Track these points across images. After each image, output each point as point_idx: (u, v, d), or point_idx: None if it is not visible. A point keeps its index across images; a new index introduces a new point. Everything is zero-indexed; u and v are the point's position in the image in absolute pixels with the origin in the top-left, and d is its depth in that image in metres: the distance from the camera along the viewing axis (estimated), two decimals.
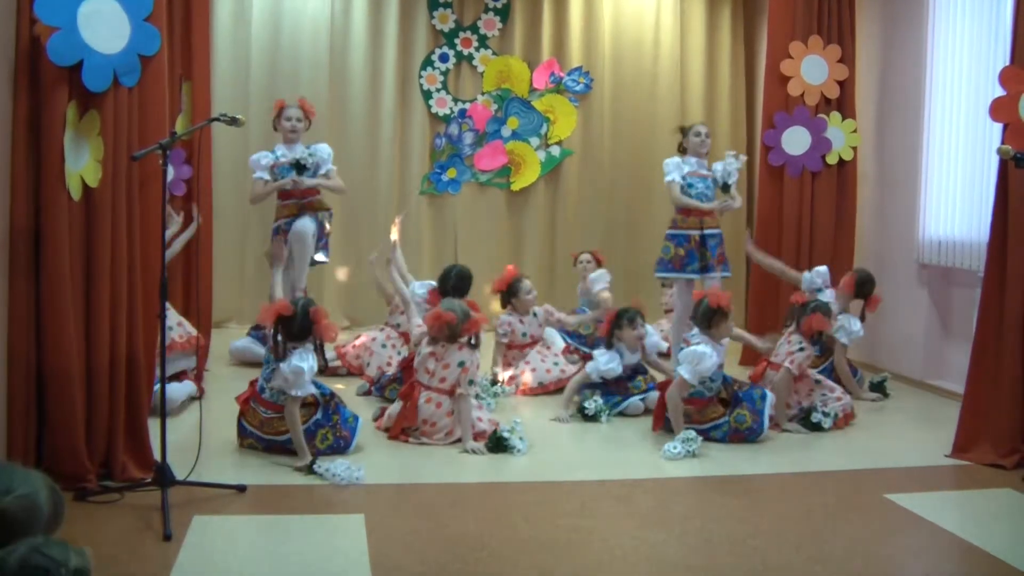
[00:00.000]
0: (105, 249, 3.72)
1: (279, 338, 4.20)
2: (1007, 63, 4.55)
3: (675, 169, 5.87)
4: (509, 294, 5.96)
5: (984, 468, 4.43)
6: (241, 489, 3.78)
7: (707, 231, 5.84)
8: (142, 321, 3.90)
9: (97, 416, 3.75)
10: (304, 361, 4.14)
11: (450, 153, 8.11)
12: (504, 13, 8.24)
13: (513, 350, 5.91)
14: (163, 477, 3.55)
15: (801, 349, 5.09)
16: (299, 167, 5.86)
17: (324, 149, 6.04)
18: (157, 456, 3.69)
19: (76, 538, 3.12)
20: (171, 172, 4.97)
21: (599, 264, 6.73)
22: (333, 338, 4.34)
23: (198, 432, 3.84)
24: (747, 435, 4.75)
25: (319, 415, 4.33)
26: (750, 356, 6.74)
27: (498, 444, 4.47)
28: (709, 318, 4.74)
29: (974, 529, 3.64)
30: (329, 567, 3.14)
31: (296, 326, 4.21)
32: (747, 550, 3.37)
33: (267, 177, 5.93)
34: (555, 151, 8.22)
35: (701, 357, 4.62)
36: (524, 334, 5.94)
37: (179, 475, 3.64)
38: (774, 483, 4.19)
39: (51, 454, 3.63)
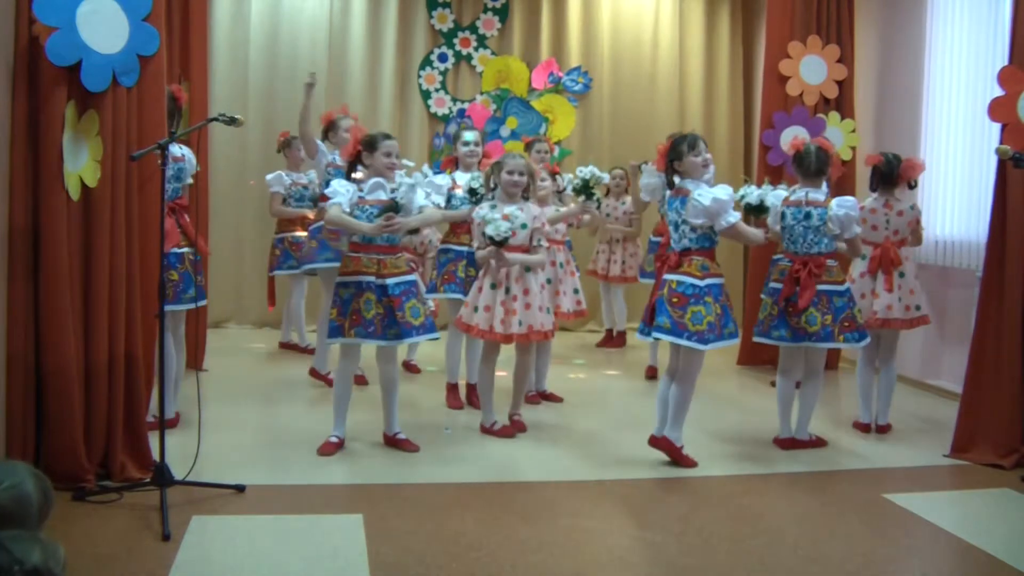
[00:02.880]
0: (104, 249, 3.72)
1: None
2: (1005, 63, 4.55)
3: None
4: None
5: (982, 468, 4.43)
6: (240, 489, 3.78)
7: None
8: (140, 321, 3.91)
9: (96, 416, 3.74)
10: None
11: (449, 153, 8.11)
12: (503, 13, 8.24)
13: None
14: (162, 477, 3.55)
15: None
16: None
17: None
18: (156, 456, 3.69)
19: (74, 538, 3.14)
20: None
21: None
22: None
23: (197, 432, 3.84)
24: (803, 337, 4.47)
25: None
26: (747, 356, 6.73)
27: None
28: (823, 165, 4.53)
29: (972, 529, 3.64)
30: (328, 567, 3.13)
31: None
32: (746, 550, 3.37)
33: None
34: (554, 151, 8.22)
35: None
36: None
37: (178, 475, 3.64)
38: (773, 483, 4.19)
39: (50, 454, 3.63)
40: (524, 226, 4.53)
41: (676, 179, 4.29)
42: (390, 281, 4.28)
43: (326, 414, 4.56)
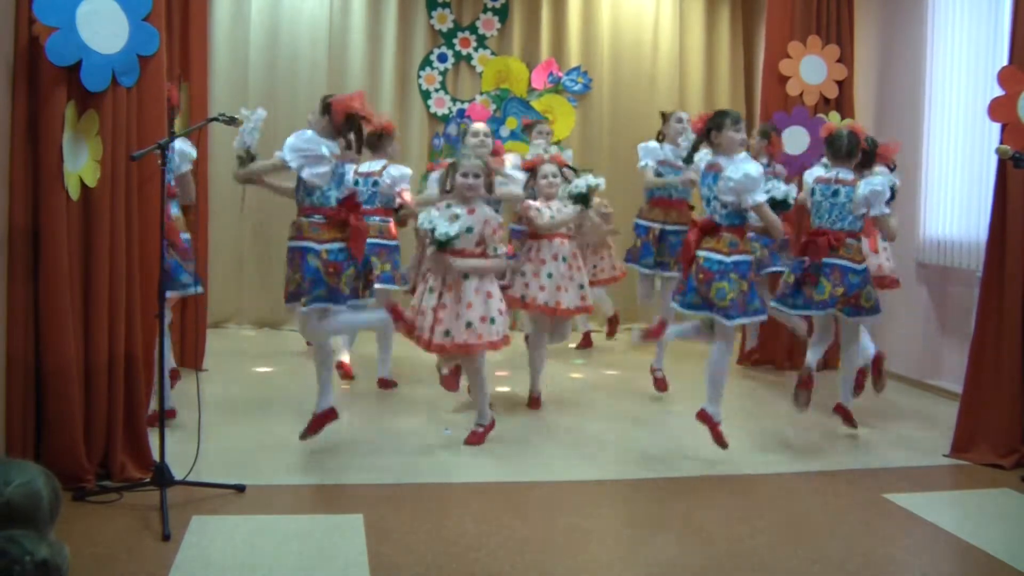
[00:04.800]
0: (104, 249, 3.72)
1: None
2: (1006, 63, 4.55)
3: (649, 155, 5.77)
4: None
5: (982, 468, 4.43)
6: (240, 489, 3.78)
7: (669, 227, 5.73)
8: (140, 321, 3.91)
9: (96, 416, 3.74)
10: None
11: (448, 153, 8.11)
12: (503, 13, 8.24)
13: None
14: (162, 477, 3.54)
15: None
16: None
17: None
18: (156, 456, 3.69)
19: (74, 538, 3.14)
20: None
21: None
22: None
23: (196, 432, 3.84)
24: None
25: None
26: (753, 355, 6.74)
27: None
28: (853, 148, 4.62)
29: (972, 529, 3.64)
30: (328, 567, 3.13)
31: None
32: (746, 550, 3.37)
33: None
34: (554, 151, 8.21)
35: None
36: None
37: (178, 475, 3.64)
38: (773, 483, 4.19)
39: (49, 454, 3.63)
40: (470, 230, 4.37)
41: (702, 151, 4.43)
42: None
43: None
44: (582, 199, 5.13)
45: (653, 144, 5.81)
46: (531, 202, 5.17)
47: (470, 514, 3.66)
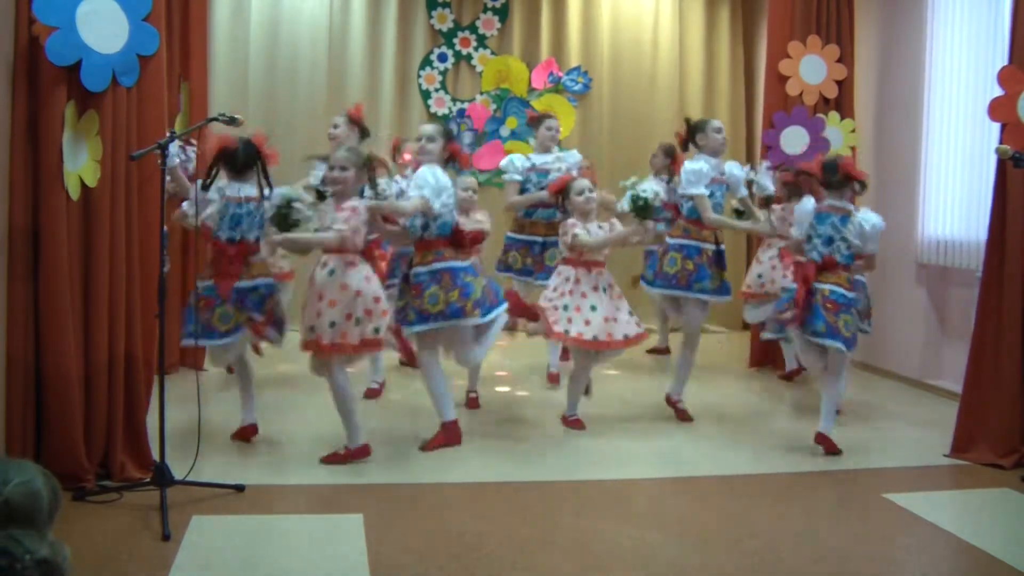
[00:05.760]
0: (104, 249, 3.72)
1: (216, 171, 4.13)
2: (1005, 63, 4.55)
3: (701, 179, 5.00)
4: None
5: (982, 468, 4.43)
6: (240, 489, 3.78)
7: (719, 246, 5.17)
8: (140, 321, 3.91)
9: (96, 416, 3.75)
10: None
11: None
12: (503, 13, 8.24)
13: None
14: (162, 477, 3.55)
15: None
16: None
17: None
18: (156, 456, 3.69)
19: (74, 538, 3.13)
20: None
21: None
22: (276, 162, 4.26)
23: (196, 432, 3.84)
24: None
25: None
26: (757, 357, 6.70)
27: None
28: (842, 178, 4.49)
29: (972, 529, 3.64)
30: (328, 567, 3.13)
31: (240, 158, 4.15)
32: (746, 550, 3.37)
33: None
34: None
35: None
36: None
37: (178, 475, 3.64)
38: (773, 483, 4.19)
39: (49, 454, 3.63)
40: (308, 219, 4.13)
41: (823, 197, 4.56)
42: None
43: (326, 413, 4.56)
44: (644, 210, 4.65)
45: (703, 165, 5.01)
46: (572, 220, 4.78)
47: (471, 514, 3.66)
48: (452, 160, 4.57)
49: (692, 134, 5.11)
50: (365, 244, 4.23)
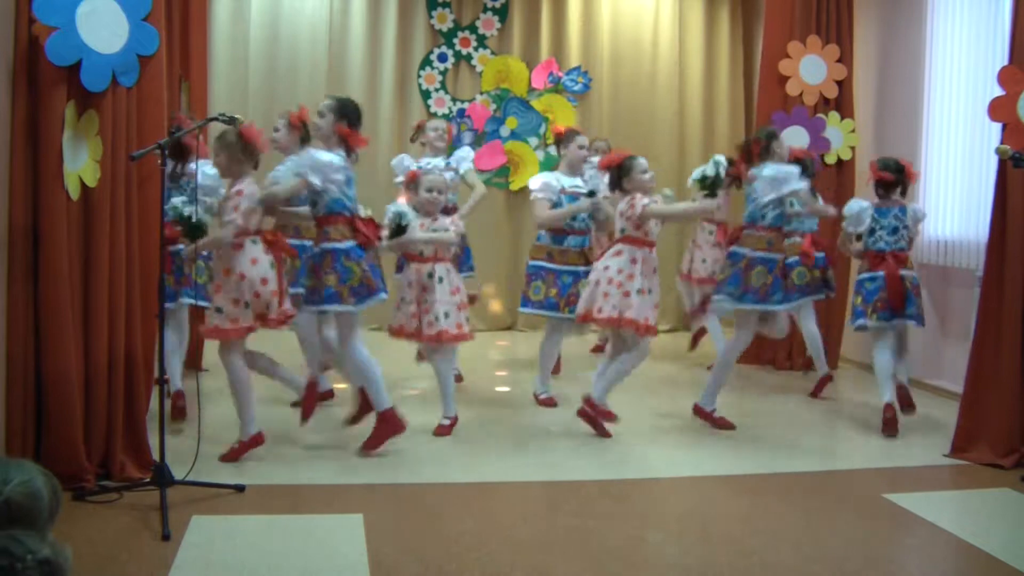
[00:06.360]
0: (104, 249, 3.72)
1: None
2: (1005, 63, 4.55)
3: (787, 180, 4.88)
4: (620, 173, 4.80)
5: (982, 468, 4.43)
6: (240, 489, 3.78)
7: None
8: (140, 321, 3.91)
9: (95, 416, 3.74)
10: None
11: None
12: (503, 13, 8.24)
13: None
14: (162, 477, 3.55)
15: None
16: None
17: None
18: (156, 456, 3.69)
19: (74, 538, 3.14)
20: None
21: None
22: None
23: (196, 432, 3.84)
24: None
25: None
26: (754, 355, 6.68)
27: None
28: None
29: (972, 529, 3.64)
30: (328, 567, 3.13)
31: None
32: (746, 550, 3.37)
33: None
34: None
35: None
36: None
37: (178, 475, 3.64)
38: (773, 483, 4.19)
39: (50, 454, 3.62)
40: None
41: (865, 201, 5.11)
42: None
43: (326, 414, 4.56)
44: (715, 184, 4.66)
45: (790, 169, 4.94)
46: (640, 195, 4.66)
47: (470, 514, 3.66)
48: (343, 142, 4.38)
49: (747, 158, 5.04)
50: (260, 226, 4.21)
